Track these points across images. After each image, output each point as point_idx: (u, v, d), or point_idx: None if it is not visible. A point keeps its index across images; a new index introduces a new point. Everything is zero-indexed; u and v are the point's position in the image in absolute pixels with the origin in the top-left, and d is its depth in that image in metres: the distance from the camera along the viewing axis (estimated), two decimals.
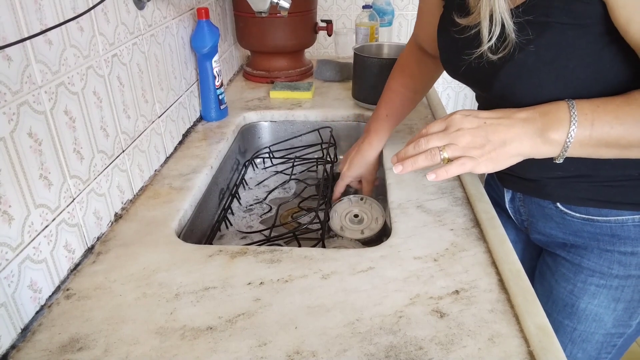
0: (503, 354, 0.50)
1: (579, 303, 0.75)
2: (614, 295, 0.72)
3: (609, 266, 0.70)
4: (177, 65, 0.97)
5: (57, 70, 0.60)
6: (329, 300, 0.58)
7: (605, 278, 0.71)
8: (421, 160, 0.58)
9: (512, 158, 0.56)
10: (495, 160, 0.55)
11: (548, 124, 0.54)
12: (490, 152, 0.55)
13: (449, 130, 0.57)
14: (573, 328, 0.77)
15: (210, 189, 0.91)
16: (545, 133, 0.54)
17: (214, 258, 0.66)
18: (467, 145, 0.56)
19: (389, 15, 1.70)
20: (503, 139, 0.55)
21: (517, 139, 0.55)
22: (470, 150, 0.56)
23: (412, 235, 0.70)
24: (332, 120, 1.17)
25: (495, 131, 0.55)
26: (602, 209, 0.67)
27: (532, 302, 0.56)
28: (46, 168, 0.58)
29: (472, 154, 0.55)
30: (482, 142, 0.55)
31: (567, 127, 0.53)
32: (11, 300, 0.53)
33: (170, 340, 0.53)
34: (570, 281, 0.75)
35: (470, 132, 0.56)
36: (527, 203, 0.77)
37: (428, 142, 0.58)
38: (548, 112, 0.55)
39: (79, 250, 0.65)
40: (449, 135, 0.57)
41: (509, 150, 0.55)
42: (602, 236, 0.69)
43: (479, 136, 0.56)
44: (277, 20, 1.29)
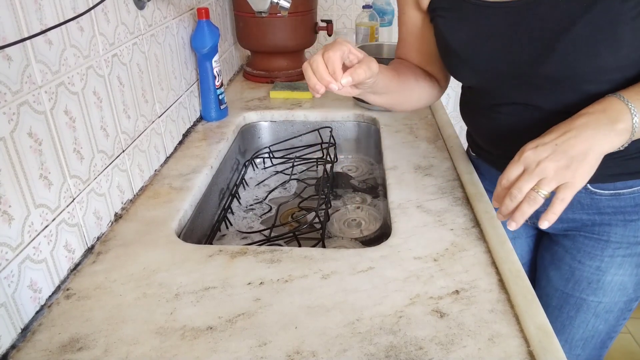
0: (503, 354, 0.50)
1: (605, 277, 0.77)
2: (637, 261, 0.75)
3: (635, 234, 0.73)
4: (177, 65, 0.97)
5: (57, 70, 0.60)
6: (329, 300, 0.58)
7: (631, 247, 0.74)
8: (526, 208, 0.57)
9: (597, 162, 0.56)
10: (588, 172, 0.56)
11: (612, 117, 0.56)
12: (578, 167, 0.55)
13: (531, 169, 0.57)
14: (598, 302, 0.79)
15: (210, 189, 0.91)
16: (614, 126, 0.56)
17: (214, 258, 0.66)
18: (556, 173, 0.55)
19: (389, 15, 1.70)
20: (583, 150, 0.55)
21: (595, 143, 0.56)
22: (562, 176, 0.55)
23: (412, 235, 0.70)
24: (332, 120, 1.17)
25: (571, 146, 0.56)
26: (629, 181, 0.69)
27: (532, 302, 0.56)
28: (46, 168, 0.58)
29: (566, 179, 0.55)
30: (566, 163, 0.55)
31: (629, 114, 0.56)
32: (11, 300, 0.53)
33: (170, 340, 0.53)
34: (597, 258, 0.77)
35: (550, 160, 0.56)
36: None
37: (520, 189, 0.57)
38: (606, 109, 0.57)
39: (79, 250, 0.65)
40: (534, 173, 0.56)
41: (594, 157, 0.56)
42: (626, 208, 0.72)
43: (560, 160, 0.55)
44: (277, 20, 1.29)
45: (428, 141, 0.99)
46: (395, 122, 1.08)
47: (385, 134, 1.03)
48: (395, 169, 0.88)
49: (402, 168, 0.88)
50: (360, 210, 0.95)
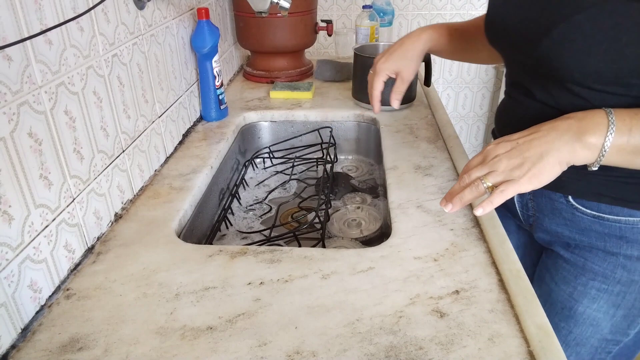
0: (503, 354, 0.50)
1: (577, 306, 0.74)
2: (614, 300, 0.71)
3: (613, 270, 0.69)
4: (177, 65, 0.97)
5: (57, 70, 0.60)
6: (329, 300, 0.58)
7: (607, 282, 0.70)
8: (467, 194, 0.58)
9: (554, 168, 0.55)
10: (538, 175, 0.55)
11: (585, 128, 0.54)
12: (530, 169, 0.54)
13: (486, 160, 0.58)
14: (569, 331, 0.76)
15: (210, 189, 0.92)
16: (583, 137, 0.54)
17: (214, 258, 0.66)
18: (505, 168, 0.56)
19: (389, 15, 1.70)
20: (539, 152, 0.55)
21: (554, 148, 0.54)
22: (510, 173, 0.55)
23: (412, 235, 0.70)
24: (332, 120, 1.17)
25: (530, 147, 0.55)
26: (614, 207, 0.65)
27: (532, 302, 0.56)
28: (46, 168, 0.58)
29: (513, 176, 0.55)
30: (519, 162, 0.55)
31: (605, 130, 0.53)
32: (11, 300, 0.53)
33: (170, 340, 0.53)
34: (571, 284, 0.74)
35: (505, 156, 0.56)
36: (537, 196, 0.74)
37: (469, 176, 0.58)
38: (585, 117, 0.55)
39: (79, 250, 0.65)
40: (487, 165, 0.57)
41: (548, 161, 0.54)
42: (609, 237, 0.68)
43: (514, 157, 0.55)
44: (277, 20, 1.29)
45: (428, 141, 0.99)
46: (395, 122, 1.09)
47: (385, 134, 1.03)
48: (395, 169, 0.88)
49: (402, 168, 0.88)
50: (360, 210, 0.95)
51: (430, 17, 2.07)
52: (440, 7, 2.04)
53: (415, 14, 2.06)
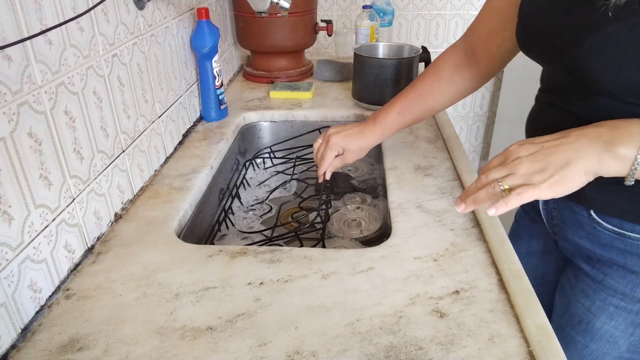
0: (503, 354, 0.50)
1: (595, 321, 0.72)
2: (633, 319, 0.69)
3: (633, 289, 0.67)
4: (177, 65, 0.97)
5: (57, 70, 0.60)
6: (329, 300, 0.58)
7: (626, 300, 0.68)
8: (482, 195, 0.56)
9: (580, 177, 0.52)
10: (560, 183, 0.52)
11: (617, 138, 0.51)
12: (552, 175, 0.52)
13: (507, 162, 0.56)
14: (585, 345, 0.74)
15: (210, 189, 0.92)
16: (614, 147, 0.50)
17: (214, 258, 0.66)
18: (526, 172, 0.53)
19: (389, 15, 1.70)
20: (565, 159, 0.52)
21: (581, 157, 0.51)
22: (531, 177, 0.53)
23: (412, 235, 0.70)
24: (332, 120, 1.17)
25: (555, 152, 0.52)
26: (637, 225, 0.62)
27: (532, 302, 0.56)
28: (46, 168, 0.58)
29: (534, 181, 0.53)
30: (542, 167, 0.52)
31: (639, 142, 0.50)
32: (11, 300, 0.53)
33: (170, 340, 0.53)
34: (590, 298, 0.72)
35: (528, 159, 0.54)
36: (560, 207, 0.72)
37: (488, 176, 0.56)
38: (618, 126, 0.52)
39: (79, 250, 0.65)
40: (507, 166, 0.55)
41: (574, 170, 0.51)
42: (631, 255, 0.65)
43: (537, 161, 0.53)
44: (277, 20, 1.29)
45: (428, 141, 0.99)
46: None
47: None
48: (395, 169, 0.88)
49: (402, 168, 0.88)
50: (360, 210, 0.95)
51: (430, 17, 2.07)
52: (440, 7, 2.04)
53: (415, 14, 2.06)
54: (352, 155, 0.86)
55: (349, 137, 0.84)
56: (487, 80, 0.82)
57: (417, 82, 0.85)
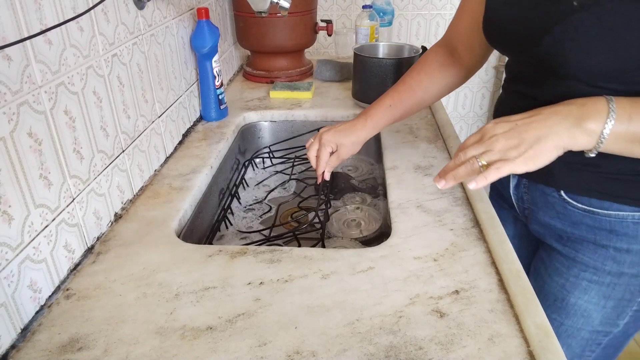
0: (503, 354, 0.50)
1: (569, 298, 0.75)
2: (604, 292, 0.72)
3: (603, 262, 0.71)
4: (177, 65, 0.97)
5: (57, 70, 0.60)
6: (329, 300, 0.58)
7: (598, 274, 0.72)
8: (461, 171, 0.59)
9: (551, 152, 0.55)
10: (534, 157, 0.55)
11: (586, 114, 0.54)
12: (526, 150, 0.55)
13: (484, 139, 0.58)
14: (560, 323, 0.78)
15: (210, 189, 0.92)
16: (583, 122, 0.54)
17: (214, 258, 0.66)
18: (502, 148, 0.56)
19: (389, 15, 1.70)
20: (537, 135, 0.55)
21: (553, 132, 0.55)
22: (506, 153, 0.56)
23: (412, 235, 0.70)
24: (332, 120, 1.17)
25: (529, 129, 0.56)
26: (604, 202, 0.67)
27: (532, 302, 0.56)
28: (46, 168, 0.58)
29: (509, 156, 0.55)
30: (516, 143, 0.55)
31: (605, 117, 0.53)
32: (11, 300, 0.53)
33: (170, 340, 0.53)
34: (563, 275, 0.76)
35: (503, 136, 0.57)
36: (531, 190, 0.76)
37: (465, 154, 0.59)
38: (586, 103, 0.55)
39: (79, 250, 0.65)
40: (484, 144, 0.58)
41: (546, 145, 0.55)
42: (600, 230, 0.69)
43: (512, 138, 0.56)
44: (277, 20, 1.29)
45: (428, 141, 0.99)
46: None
47: (385, 134, 1.03)
48: (395, 169, 0.88)
49: (402, 168, 0.88)
50: (360, 210, 0.95)
51: (430, 17, 2.07)
52: (440, 7, 2.04)
53: (415, 14, 2.06)
54: (346, 150, 0.86)
55: (341, 132, 0.86)
56: (472, 74, 0.86)
57: (406, 77, 0.88)
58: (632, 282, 0.71)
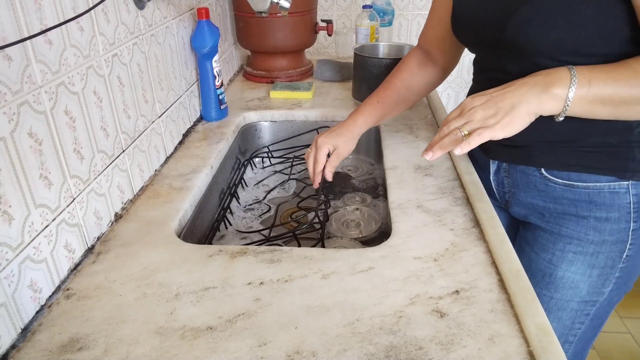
0: (503, 354, 0.50)
1: (557, 271, 0.79)
2: (589, 261, 0.76)
3: (586, 232, 0.74)
4: (177, 65, 0.97)
5: (57, 70, 0.60)
6: (329, 300, 0.58)
7: (582, 244, 0.75)
8: (446, 141, 0.64)
9: (524, 118, 0.61)
10: (510, 123, 0.61)
11: (551, 81, 0.60)
12: (503, 117, 0.61)
13: (464, 112, 0.64)
14: (550, 297, 0.81)
15: (211, 189, 0.92)
16: (549, 89, 0.60)
17: (214, 258, 0.66)
18: (481, 118, 0.62)
19: (389, 15, 1.70)
20: (511, 103, 0.61)
21: (524, 100, 0.61)
22: (485, 121, 0.62)
23: (412, 235, 0.70)
24: (332, 120, 1.17)
25: (503, 99, 0.62)
26: (583, 174, 0.71)
27: (532, 302, 0.56)
28: (46, 168, 0.58)
29: (488, 124, 0.61)
30: (493, 112, 0.62)
31: (568, 83, 0.60)
32: (11, 300, 0.53)
33: (170, 340, 0.53)
34: (549, 250, 0.79)
35: (481, 107, 0.63)
36: (511, 173, 0.80)
37: (449, 126, 0.65)
38: (550, 73, 0.61)
39: (79, 250, 0.65)
40: (464, 116, 0.64)
41: (519, 111, 0.61)
42: (580, 202, 0.73)
43: (489, 108, 0.62)
44: (277, 20, 1.29)
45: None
46: (395, 122, 1.08)
47: (385, 134, 1.03)
48: (395, 169, 0.88)
49: (402, 168, 0.88)
50: (360, 210, 0.95)
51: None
52: None
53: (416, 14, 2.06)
54: (344, 148, 0.91)
55: (334, 133, 0.91)
56: (449, 72, 0.94)
57: (390, 77, 0.95)
58: (613, 249, 0.74)
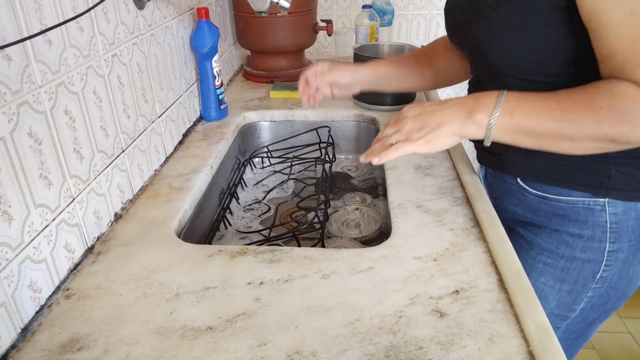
0: (503, 353, 0.50)
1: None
2: (559, 275, 0.75)
3: (557, 246, 0.74)
4: (177, 65, 0.97)
5: (57, 70, 0.60)
6: (329, 300, 0.58)
7: (552, 257, 0.75)
8: (376, 147, 0.66)
9: (448, 138, 0.63)
10: (432, 140, 0.63)
11: (476, 106, 0.61)
12: (427, 133, 0.63)
13: (398, 120, 0.67)
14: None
15: (210, 189, 0.91)
16: (473, 114, 0.61)
17: (214, 258, 0.66)
18: (409, 130, 0.64)
19: (389, 15, 1.70)
20: (438, 122, 0.63)
21: (450, 120, 0.62)
22: (411, 134, 0.64)
23: (412, 235, 0.70)
24: (332, 120, 1.17)
25: (433, 115, 0.64)
26: (555, 187, 0.70)
27: (532, 302, 0.56)
28: (46, 168, 0.58)
29: (412, 138, 0.64)
30: (421, 126, 0.63)
31: (491, 110, 0.60)
32: (11, 300, 0.53)
33: (170, 340, 0.53)
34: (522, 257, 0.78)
35: (412, 119, 0.65)
36: (496, 179, 0.81)
37: (383, 132, 0.68)
38: (479, 97, 0.62)
39: (79, 250, 0.65)
40: (396, 124, 0.66)
41: (443, 131, 0.63)
42: (554, 216, 0.72)
43: (418, 121, 0.64)
44: (277, 20, 1.29)
45: None
46: None
47: None
48: (395, 169, 0.88)
49: (402, 168, 0.88)
50: (360, 210, 0.95)
51: (430, 17, 2.07)
52: (440, 7, 2.04)
53: (415, 14, 2.06)
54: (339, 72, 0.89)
55: (336, 64, 0.91)
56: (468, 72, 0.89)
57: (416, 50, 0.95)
58: (585, 267, 0.72)
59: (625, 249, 0.69)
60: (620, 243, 0.69)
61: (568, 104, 0.57)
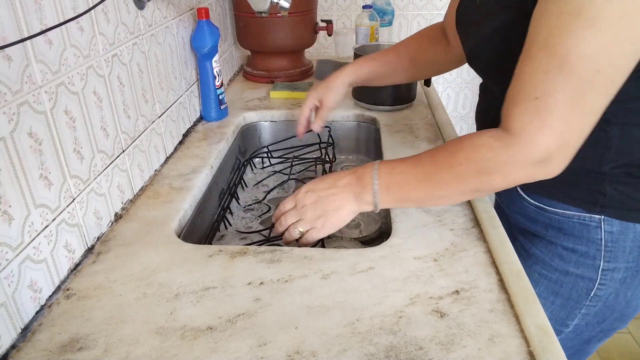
0: (503, 354, 0.50)
1: None
2: (553, 288, 0.75)
3: (551, 258, 0.74)
4: (177, 65, 0.97)
5: (57, 70, 0.60)
6: (329, 300, 0.58)
7: (546, 268, 0.75)
8: (286, 236, 0.70)
9: (349, 216, 0.68)
10: (335, 223, 0.68)
11: (360, 189, 0.66)
12: (328, 219, 0.67)
13: (297, 207, 0.69)
14: None
15: (211, 189, 0.91)
16: (360, 196, 0.66)
17: (214, 258, 0.66)
18: (311, 218, 0.68)
19: (389, 15, 1.70)
20: (335, 206, 0.67)
21: (345, 204, 0.67)
22: (314, 222, 0.68)
23: (412, 235, 0.70)
24: (332, 120, 1.17)
25: (328, 201, 0.67)
26: (551, 200, 0.71)
27: (533, 302, 0.56)
28: (46, 168, 0.58)
29: (317, 225, 0.68)
30: (321, 213, 0.67)
31: (371, 191, 0.65)
32: (11, 300, 0.53)
33: (170, 340, 0.53)
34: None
35: (311, 207, 0.68)
36: None
37: (286, 220, 0.69)
38: (360, 178, 0.67)
39: (79, 250, 0.65)
40: (298, 212, 0.69)
41: (342, 213, 0.67)
42: (551, 228, 0.73)
43: (317, 209, 0.68)
44: (277, 20, 1.29)
45: (428, 141, 0.99)
46: (395, 122, 1.09)
47: (385, 134, 1.03)
48: None
49: None
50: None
51: (430, 17, 2.07)
52: (440, 7, 2.04)
53: (415, 14, 2.06)
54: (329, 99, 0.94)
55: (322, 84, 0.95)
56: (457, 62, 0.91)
57: (397, 44, 0.95)
58: (579, 283, 0.72)
59: (622, 269, 0.68)
60: (616, 263, 0.68)
61: (431, 168, 0.62)
